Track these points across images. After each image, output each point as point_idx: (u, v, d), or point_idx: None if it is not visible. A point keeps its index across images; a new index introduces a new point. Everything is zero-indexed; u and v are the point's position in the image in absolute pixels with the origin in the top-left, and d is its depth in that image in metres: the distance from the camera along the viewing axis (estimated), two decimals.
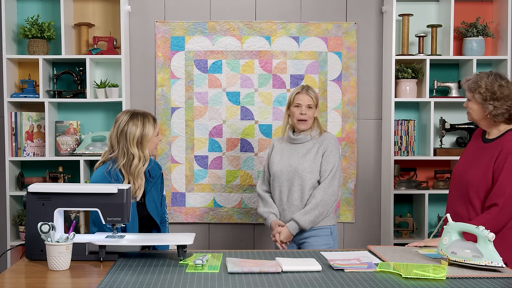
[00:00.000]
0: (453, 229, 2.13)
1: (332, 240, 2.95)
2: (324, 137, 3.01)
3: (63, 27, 3.64)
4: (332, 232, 2.96)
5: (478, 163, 2.51)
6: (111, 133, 2.50)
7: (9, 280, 1.92)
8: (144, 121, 2.47)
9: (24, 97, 3.68)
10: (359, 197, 3.93)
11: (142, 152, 2.46)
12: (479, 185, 2.45)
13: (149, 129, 2.47)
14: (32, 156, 3.72)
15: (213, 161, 3.90)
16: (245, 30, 3.88)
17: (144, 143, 2.46)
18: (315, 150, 2.96)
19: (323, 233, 2.93)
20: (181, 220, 3.90)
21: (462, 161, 2.65)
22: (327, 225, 2.94)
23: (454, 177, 2.64)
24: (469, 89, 2.52)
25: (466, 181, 2.50)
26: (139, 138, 2.45)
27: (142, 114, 2.50)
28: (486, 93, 2.45)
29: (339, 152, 3.03)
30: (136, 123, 2.46)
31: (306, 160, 2.94)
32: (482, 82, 2.47)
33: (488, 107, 2.46)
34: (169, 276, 1.93)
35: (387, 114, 3.80)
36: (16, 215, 3.72)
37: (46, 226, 2.01)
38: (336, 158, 2.96)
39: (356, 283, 1.87)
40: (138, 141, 2.45)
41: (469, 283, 1.87)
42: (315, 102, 2.98)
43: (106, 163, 2.48)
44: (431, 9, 3.93)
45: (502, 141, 2.47)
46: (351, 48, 3.90)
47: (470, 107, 2.55)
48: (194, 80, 3.88)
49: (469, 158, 2.59)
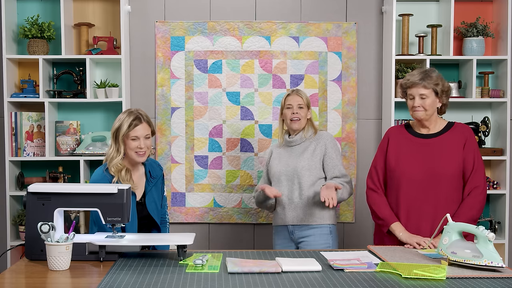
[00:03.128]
0: (453, 229, 2.13)
1: (332, 239, 2.94)
2: (319, 135, 3.04)
3: (63, 27, 3.64)
4: (331, 231, 2.95)
5: (443, 156, 2.61)
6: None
7: (9, 280, 1.92)
8: (125, 117, 2.49)
9: (24, 97, 3.68)
10: (359, 197, 3.93)
11: (116, 145, 2.48)
12: (454, 175, 2.59)
13: (124, 125, 2.47)
14: (32, 156, 3.72)
15: (213, 161, 3.90)
16: (245, 30, 3.88)
17: (119, 137, 2.47)
18: (312, 148, 2.99)
19: (322, 232, 2.92)
20: (181, 220, 3.90)
21: (406, 161, 2.66)
22: (327, 224, 2.93)
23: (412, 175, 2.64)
24: (428, 85, 2.62)
25: (439, 174, 2.59)
26: (115, 130, 2.48)
27: (131, 111, 2.53)
28: (443, 87, 2.64)
29: (338, 148, 3.09)
30: (120, 117, 2.50)
31: (304, 159, 2.96)
32: (434, 77, 2.62)
33: (443, 100, 2.66)
34: (169, 276, 1.93)
35: (387, 114, 3.80)
36: (16, 215, 3.72)
37: (46, 226, 2.01)
38: (338, 154, 3.02)
39: (356, 283, 1.87)
40: (114, 133, 2.49)
41: (469, 283, 1.87)
42: (305, 102, 3.01)
43: (104, 164, 2.53)
44: (431, 9, 3.93)
45: (460, 132, 2.65)
46: (351, 48, 3.90)
47: (427, 104, 2.62)
48: (194, 80, 3.88)
49: (415, 156, 2.65)
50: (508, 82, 3.69)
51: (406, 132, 2.74)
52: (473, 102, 3.78)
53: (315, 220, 2.93)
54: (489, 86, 3.80)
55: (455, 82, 3.80)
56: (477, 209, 2.59)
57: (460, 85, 3.80)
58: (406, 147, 2.69)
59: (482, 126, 3.76)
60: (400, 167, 2.66)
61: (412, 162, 2.64)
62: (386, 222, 2.63)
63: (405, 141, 2.71)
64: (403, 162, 2.66)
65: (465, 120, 3.83)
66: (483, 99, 3.74)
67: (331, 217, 2.97)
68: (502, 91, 3.78)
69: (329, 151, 2.98)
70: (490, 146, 3.90)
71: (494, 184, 3.76)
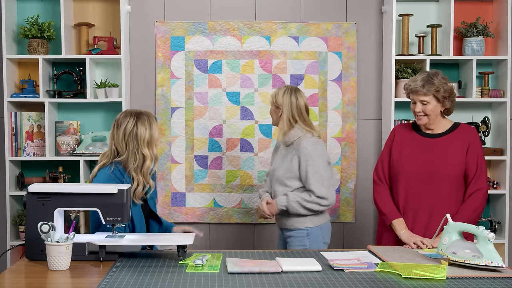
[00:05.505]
0: (453, 229, 2.13)
1: (309, 241, 2.91)
2: (297, 144, 2.90)
3: (63, 27, 3.64)
4: (308, 233, 2.91)
5: (444, 156, 2.61)
6: (115, 136, 2.44)
7: (9, 280, 1.92)
8: (150, 122, 2.47)
9: (24, 97, 3.68)
10: (359, 197, 3.93)
11: (152, 152, 2.46)
12: (454, 176, 2.61)
13: (156, 129, 2.49)
14: (32, 156, 3.72)
15: (213, 161, 3.90)
16: (245, 30, 3.88)
17: (153, 143, 2.47)
18: (289, 158, 2.91)
19: (298, 235, 2.93)
20: (181, 220, 3.90)
21: (407, 158, 2.68)
22: (305, 227, 2.91)
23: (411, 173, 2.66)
24: (428, 92, 2.60)
25: (438, 174, 2.60)
26: (149, 139, 2.44)
27: (146, 114, 2.49)
28: (445, 92, 2.61)
29: (316, 160, 2.86)
30: (145, 124, 2.44)
31: (280, 168, 2.95)
32: (436, 83, 2.60)
33: (446, 104, 2.64)
34: (169, 276, 1.93)
35: (387, 114, 3.80)
36: (16, 215, 3.72)
37: (46, 226, 2.01)
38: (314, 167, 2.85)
39: (356, 283, 1.87)
40: (148, 142, 2.44)
41: (469, 283, 1.87)
42: (272, 101, 2.99)
43: (107, 166, 2.44)
44: (431, 9, 3.93)
45: (465, 133, 2.65)
46: (351, 48, 3.90)
47: (428, 109, 2.62)
48: (194, 80, 3.88)
49: (416, 154, 2.67)
50: (508, 82, 3.69)
51: (412, 130, 2.76)
52: (473, 102, 3.78)
53: (292, 224, 2.95)
54: (489, 86, 3.80)
55: (455, 82, 3.80)
56: (478, 212, 2.60)
57: (460, 85, 3.80)
58: (410, 145, 2.71)
59: (482, 126, 3.76)
60: (401, 164, 2.68)
61: (413, 160, 2.66)
62: (388, 217, 2.66)
63: (409, 139, 2.72)
64: (404, 159, 2.68)
65: (465, 120, 3.83)
66: (483, 99, 3.74)
67: (310, 221, 2.92)
68: (502, 91, 3.78)
69: (302, 164, 2.86)
70: (490, 146, 3.90)
71: (494, 184, 3.76)
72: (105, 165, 2.45)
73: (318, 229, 2.93)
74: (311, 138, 2.90)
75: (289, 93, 2.95)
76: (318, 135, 2.96)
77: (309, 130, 2.93)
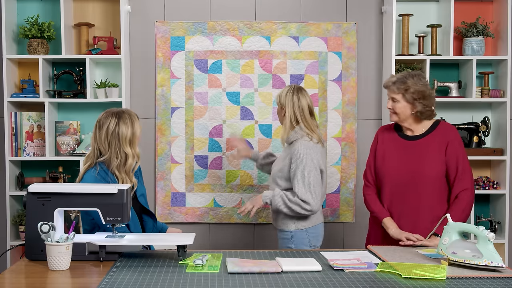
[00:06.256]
0: (453, 229, 2.13)
1: (293, 244, 2.91)
2: (293, 145, 2.91)
3: (63, 27, 3.64)
4: (292, 236, 2.91)
5: (425, 158, 2.60)
6: (97, 137, 2.48)
7: (9, 280, 1.92)
8: (132, 120, 2.51)
9: (24, 97, 3.68)
10: (359, 197, 3.93)
11: (134, 150, 2.50)
12: (436, 177, 2.60)
13: (137, 127, 2.52)
14: (32, 156, 3.72)
15: (213, 161, 3.90)
16: (245, 30, 3.88)
17: (135, 141, 2.51)
18: (288, 160, 2.92)
19: (283, 236, 2.96)
20: (181, 220, 3.90)
21: (390, 161, 2.69)
22: (288, 229, 2.92)
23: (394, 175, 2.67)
24: (397, 90, 2.62)
25: (421, 176, 2.60)
26: (131, 137, 2.48)
27: (128, 113, 2.54)
28: (415, 93, 2.59)
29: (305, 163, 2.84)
30: (126, 122, 2.49)
31: (278, 170, 2.97)
32: (409, 83, 2.59)
33: (417, 106, 2.61)
34: (169, 276, 1.93)
35: (387, 114, 3.79)
36: (16, 215, 3.72)
37: (46, 226, 2.01)
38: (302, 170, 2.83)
39: (356, 283, 1.87)
40: (130, 140, 2.48)
41: (469, 283, 1.87)
42: (277, 101, 3.01)
43: (93, 167, 2.46)
44: (431, 9, 3.93)
45: (444, 133, 2.64)
46: (351, 48, 3.90)
47: (397, 107, 2.64)
48: (194, 80, 3.88)
49: (399, 157, 2.67)
50: (508, 82, 3.69)
51: (394, 132, 2.77)
52: (473, 102, 3.78)
53: (278, 224, 2.99)
54: (489, 86, 3.80)
55: (455, 82, 3.80)
56: (467, 213, 2.60)
57: (460, 85, 3.80)
58: (392, 148, 2.72)
59: (482, 126, 3.76)
60: (385, 167, 2.71)
61: (395, 163, 2.67)
62: (378, 216, 2.71)
63: (391, 142, 2.74)
64: (387, 163, 2.70)
65: (465, 120, 3.83)
66: (483, 99, 3.73)
67: (293, 223, 2.91)
68: (502, 91, 3.78)
69: (292, 166, 2.86)
70: (490, 146, 3.90)
71: (494, 184, 3.76)
72: (90, 167, 2.48)
73: (303, 232, 2.92)
74: (307, 142, 2.88)
75: (291, 93, 2.95)
76: (317, 140, 2.92)
77: (309, 133, 2.91)
